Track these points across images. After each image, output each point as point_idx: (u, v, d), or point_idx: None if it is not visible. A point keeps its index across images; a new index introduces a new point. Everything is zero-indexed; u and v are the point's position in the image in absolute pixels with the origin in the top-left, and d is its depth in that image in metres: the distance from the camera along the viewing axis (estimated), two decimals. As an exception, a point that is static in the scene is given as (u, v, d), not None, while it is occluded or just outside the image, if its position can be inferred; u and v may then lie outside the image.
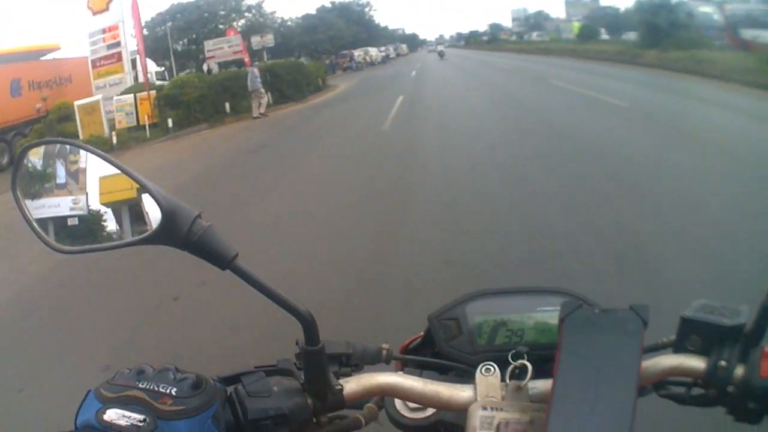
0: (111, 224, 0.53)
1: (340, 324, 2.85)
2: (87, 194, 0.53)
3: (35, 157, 0.54)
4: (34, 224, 0.53)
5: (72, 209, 0.54)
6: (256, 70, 15.70)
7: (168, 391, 0.46)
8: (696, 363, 0.53)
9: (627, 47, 23.24)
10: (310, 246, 4.46)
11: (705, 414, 0.57)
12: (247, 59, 21.17)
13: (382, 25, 71.27)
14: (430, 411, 0.61)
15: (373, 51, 44.77)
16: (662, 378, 0.55)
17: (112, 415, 0.44)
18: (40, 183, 0.54)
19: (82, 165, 0.53)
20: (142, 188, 0.49)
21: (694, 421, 0.97)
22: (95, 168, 0.52)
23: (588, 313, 0.52)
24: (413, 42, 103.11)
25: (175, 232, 0.48)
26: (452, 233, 4.28)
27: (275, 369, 0.55)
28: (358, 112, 13.81)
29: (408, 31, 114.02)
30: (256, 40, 25.06)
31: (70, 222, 0.53)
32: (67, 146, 0.55)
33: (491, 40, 74.98)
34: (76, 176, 0.54)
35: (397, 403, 0.62)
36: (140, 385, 0.46)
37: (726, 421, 0.53)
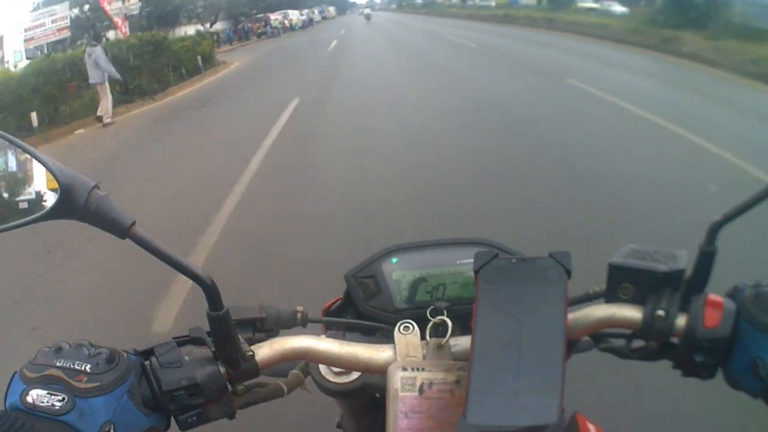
0: (8, 203, 0.50)
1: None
2: None
3: None
4: None
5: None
6: (99, 51, 9.60)
7: (83, 367, 0.46)
8: (630, 313, 0.50)
9: (639, 23, 15.34)
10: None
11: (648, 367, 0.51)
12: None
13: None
14: (356, 374, 0.59)
15: (294, 14, 38.75)
16: (595, 330, 0.53)
17: (34, 395, 0.44)
18: None
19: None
20: (38, 161, 0.47)
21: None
22: None
23: (505, 263, 0.50)
24: (342, 4, 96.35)
25: (73, 205, 0.46)
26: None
27: (188, 339, 0.52)
28: (226, 124, 8.17)
29: None
30: (116, 6, 17.70)
31: None
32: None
33: (428, 3, 68.75)
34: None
35: (322, 368, 0.60)
36: (58, 363, 0.46)
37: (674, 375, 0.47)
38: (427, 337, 0.54)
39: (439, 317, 0.55)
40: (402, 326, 0.55)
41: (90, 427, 0.44)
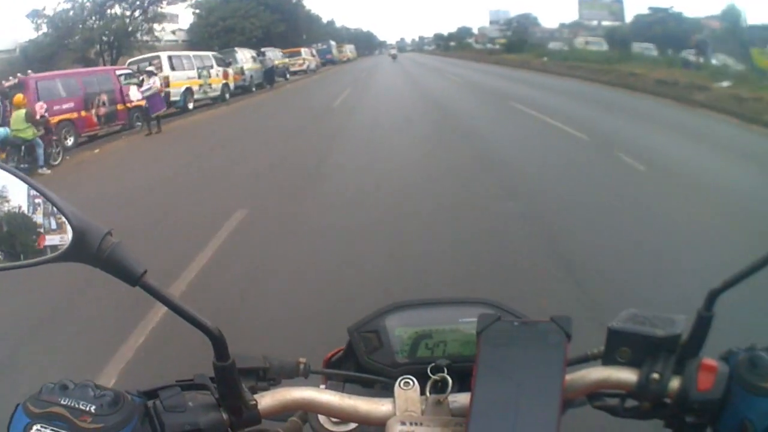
0: (22, 243, 0.51)
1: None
2: None
3: None
4: None
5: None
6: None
7: (88, 408, 0.46)
8: (626, 375, 0.52)
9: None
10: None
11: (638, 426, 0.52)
12: None
13: (325, 19, 53.54)
14: (353, 425, 0.61)
15: (246, 55, 21.25)
16: (592, 391, 0.54)
17: (38, 430, 0.45)
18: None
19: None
20: (52, 204, 0.48)
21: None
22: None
23: (507, 326, 0.52)
24: (369, 42, 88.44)
25: (86, 250, 0.47)
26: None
27: (192, 384, 0.53)
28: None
29: (365, 29, 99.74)
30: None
31: None
32: None
33: (458, 45, 65.90)
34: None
35: (321, 417, 0.62)
36: (62, 402, 0.46)
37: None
38: (427, 393, 0.55)
39: (439, 374, 0.56)
40: (402, 381, 0.56)
41: None
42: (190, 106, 15.66)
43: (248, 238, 4.72)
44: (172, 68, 15.27)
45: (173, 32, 29.08)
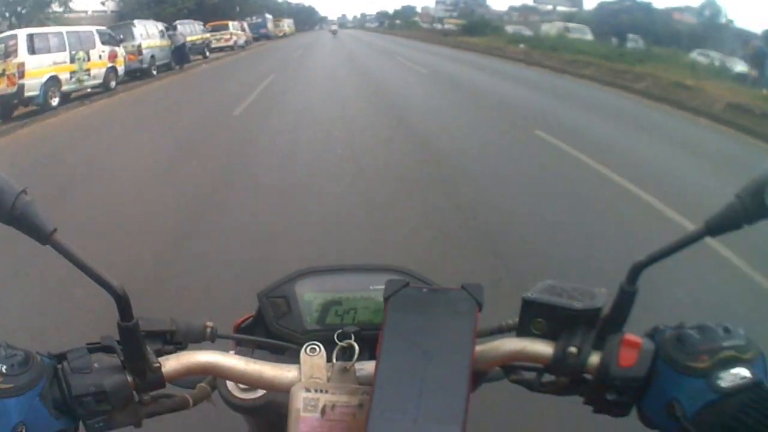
0: None
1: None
2: None
3: None
4: None
5: None
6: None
7: None
8: (542, 348, 0.51)
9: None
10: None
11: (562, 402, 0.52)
12: None
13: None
14: (261, 392, 0.59)
15: (149, 30, 16.51)
16: (506, 362, 0.54)
17: None
18: None
19: None
20: None
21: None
22: None
23: (415, 293, 0.51)
24: (309, 17, 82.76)
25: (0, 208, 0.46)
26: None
27: (99, 346, 0.53)
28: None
29: (307, 4, 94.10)
30: None
31: None
32: None
33: (404, 24, 63.08)
34: None
35: (229, 383, 0.60)
36: None
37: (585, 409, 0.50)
38: (333, 360, 0.55)
39: (346, 341, 0.56)
40: (309, 347, 0.56)
41: (2, 428, 0.45)
42: (54, 102, 11.24)
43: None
44: (32, 51, 10.95)
45: (102, 2, 25.73)
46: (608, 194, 4.89)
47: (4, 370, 0.46)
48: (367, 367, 0.53)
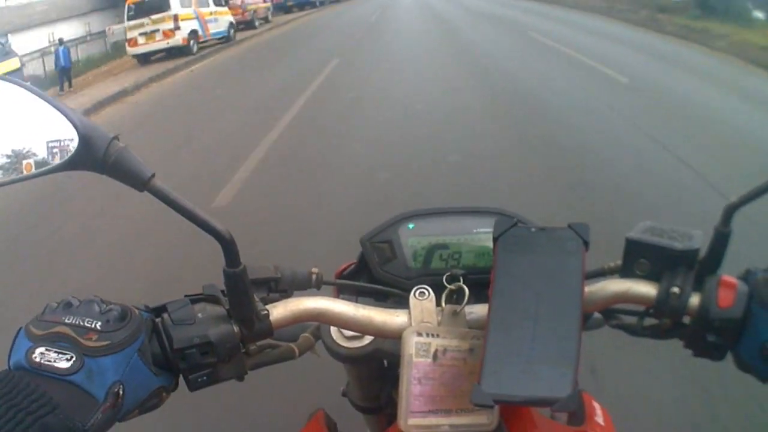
0: (29, 153, 0.47)
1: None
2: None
3: None
4: None
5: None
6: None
7: (93, 325, 0.44)
8: (646, 289, 0.50)
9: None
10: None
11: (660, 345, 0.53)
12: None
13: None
14: (368, 340, 0.59)
15: None
16: (610, 305, 0.53)
17: (41, 354, 0.42)
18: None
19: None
20: (57, 110, 0.45)
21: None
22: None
23: (523, 232, 0.50)
24: None
25: (92, 156, 0.44)
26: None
27: (201, 296, 0.51)
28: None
29: None
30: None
31: None
32: None
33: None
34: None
35: (333, 332, 0.60)
36: (66, 320, 0.44)
37: (684, 355, 0.49)
38: (443, 304, 0.53)
39: (455, 284, 0.54)
40: (417, 292, 0.54)
41: (98, 387, 0.42)
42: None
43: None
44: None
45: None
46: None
47: (98, 327, 0.43)
48: (477, 310, 0.53)
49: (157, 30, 12.29)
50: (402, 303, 0.56)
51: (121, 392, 0.43)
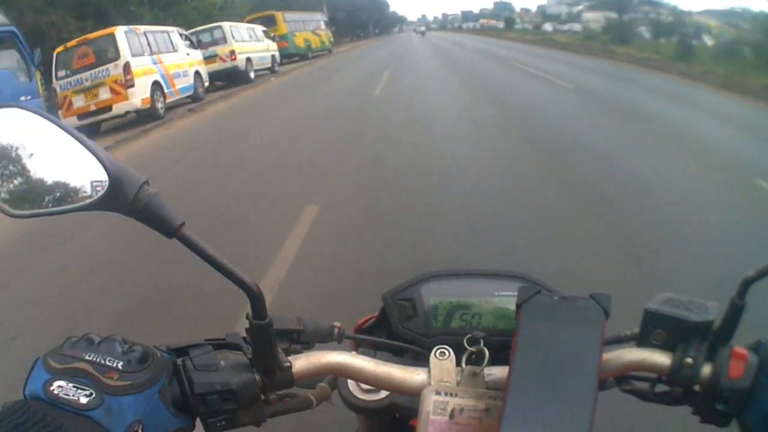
0: (58, 189, 0.49)
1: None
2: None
3: None
4: None
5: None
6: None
7: (115, 364, 0.44)
8: (660, 358, 0.51)
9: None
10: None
11: (668, 411, 0.54)
12: None
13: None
14: (384, 393, 0.59)
15: None
16: (625, 372, 0.54)
17: (59, 387, 0.42)
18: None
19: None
20: (88, 150, 0.46)
21: (657, 418, 0.81)
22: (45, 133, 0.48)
23: (546, 300, 0.52)
24: (383, 18, 72.95)
25: (122, 199, 0.45)
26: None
27: (223, 343, 0.53)
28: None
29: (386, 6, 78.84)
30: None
31: (20, 186, 0.49)
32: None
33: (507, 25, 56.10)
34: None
35: (350, 384, 0.61)
36: (87, 357, 0.44)
37: (690, 420, 0.51)
38: (463, 364, 0.55)
39: (476, 346, 0.55)
40: (438, 351, 0.55)
41: (117, 425, 0.42)
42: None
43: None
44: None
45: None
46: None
47: (120, 366, 0.44)
48: (495, 372, 0.53)
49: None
50: (418, 360, 0.59)
51: (140, 431, 0.43)
